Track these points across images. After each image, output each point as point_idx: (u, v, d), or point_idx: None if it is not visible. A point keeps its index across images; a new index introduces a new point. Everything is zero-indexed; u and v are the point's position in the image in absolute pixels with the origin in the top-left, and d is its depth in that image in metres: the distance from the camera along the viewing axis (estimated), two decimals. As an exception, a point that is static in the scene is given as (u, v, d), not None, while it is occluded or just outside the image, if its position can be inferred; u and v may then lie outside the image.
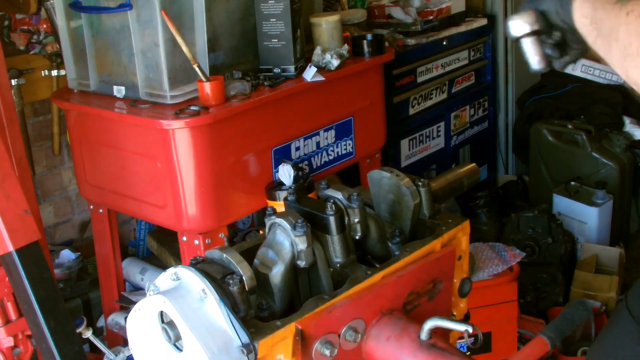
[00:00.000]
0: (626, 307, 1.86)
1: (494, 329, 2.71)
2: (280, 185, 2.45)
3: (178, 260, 2.84)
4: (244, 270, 1.13)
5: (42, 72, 3.02)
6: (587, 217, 3.47)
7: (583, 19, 1.07)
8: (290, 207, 1.28)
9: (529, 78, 4.13)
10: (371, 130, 2.89)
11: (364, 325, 1.19)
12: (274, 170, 2.50)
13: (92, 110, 2.49)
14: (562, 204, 3.54)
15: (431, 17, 3.39)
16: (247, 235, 3.07)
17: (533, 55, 1.20)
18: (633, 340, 1.77)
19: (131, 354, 1.18)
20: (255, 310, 1.15)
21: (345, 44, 2.72)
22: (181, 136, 2.25)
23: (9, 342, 1.87)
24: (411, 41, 3.30)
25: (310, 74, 2.50)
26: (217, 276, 1.10)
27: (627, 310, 1.90)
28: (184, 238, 2.41)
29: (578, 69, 3.99)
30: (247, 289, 1.11)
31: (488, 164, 4.06)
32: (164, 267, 2.98)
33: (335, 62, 2.59)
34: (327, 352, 1.14)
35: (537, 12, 1.19)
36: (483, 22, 3.73)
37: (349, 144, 2.79)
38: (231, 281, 1.09)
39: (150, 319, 1.11)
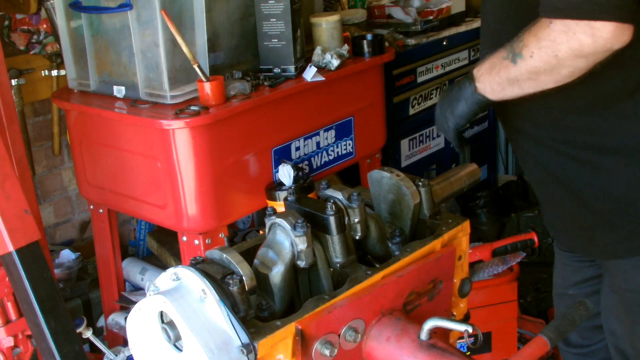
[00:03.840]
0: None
1: (494, 329, 2.71)
2: (280, 185, 2.45)
3: (178, 260, 2.84)
4: (244, 271, 1.13)
5: (42, 72, 3.02)
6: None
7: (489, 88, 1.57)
8: (290, 207, 1.28)
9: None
10: (371, 130, 2.89)
11: (363, 325, 1.19)
12: (274, 170, 2.50)
13: (92, 110, 2.49)
14: (562, 204, 3.53)
15: (431, 17, 3.39)
16: (247, 235, 3.07)
17: None
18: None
19: (131, 354, 1.18)
20: (255, 310, 1.15)
21: (345, 44, 2.72)
22: (181, 136, 2.25)
23: (9, 342, 1.86)
24: (411, 41, 3.29)
25: (310, 74, 2.50)
26: (217, 276, 1.10)
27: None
28: (184, 238, 2.41)
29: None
30: (247, 289, 1.11)
31: (488, 164, 4.06)
32: (164, 267, 2.98)
33: (335, 62, 2.59)
34: (327, 352, 1.14)
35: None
36: (483, 22, 3.73)
37: (349, 144, 2.79)
38: (231, 281, 1.09)
39: (150, 319, 1.11)
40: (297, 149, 2.59)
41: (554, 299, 2.18)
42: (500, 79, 1.53)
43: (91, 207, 2.79)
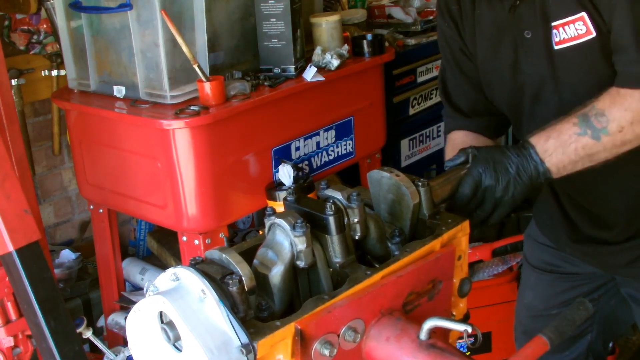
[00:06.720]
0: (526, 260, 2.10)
1: (494, 329, 2.71)
2: (280, 185, 2.45)
3: (178, 261, 2.84)
4: (243, 271, 1.12)
5: (42, 72, 3.02)
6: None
7: (561, 168, 1.42)
8: (289, 208, 1.28)
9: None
10: (371, 130, 2.89)
11: (363, 325, 1.19)
12: (274, 170, 2.50)
13: (92, 110, 2.49)
14: (562, 203, 3.53)
15: (431, 17, 3.39)
16: (247, 235, 3.07)
17: None
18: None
19: (131, 354, 1.18)
20: (255, 310, 1.15)
21: (345, 44, 2.73)
22: (181, 136, 2.25)
23: (9, 342, 1.86)
24: (411, 41, 3.29)
25: (310, 74, 2.50)
26: (216, 276, 1.10)
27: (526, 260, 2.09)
28: (184, 238, 2.41)
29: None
30: (246, 289, 1.11)
31: (488, 163, 4.05)
32: (164, 267, 2.98)
33: (335, 62, 2.59)
34: (327, 352, 1.14)
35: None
36: (483, 22, 3.73)
37: (349, 144, 2.79)
38: (230, 281, 1.09)
39: (150, 319, 1.11)
40: (297, 149, 2.59)
41: (528, 322, 2.11)
42: (577, 157, 1.42)
43: (91, 207, 2.79)
